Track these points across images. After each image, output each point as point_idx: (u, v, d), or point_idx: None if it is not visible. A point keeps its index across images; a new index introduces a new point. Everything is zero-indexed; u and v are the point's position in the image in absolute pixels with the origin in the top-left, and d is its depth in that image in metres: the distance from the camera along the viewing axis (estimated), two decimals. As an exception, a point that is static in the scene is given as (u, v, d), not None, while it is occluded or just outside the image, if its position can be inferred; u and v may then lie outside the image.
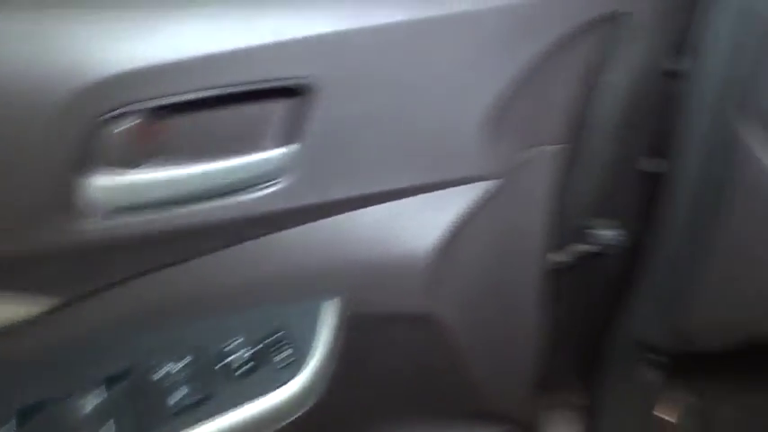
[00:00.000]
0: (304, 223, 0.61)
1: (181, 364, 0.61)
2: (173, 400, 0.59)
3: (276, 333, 0.63)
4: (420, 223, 0.63)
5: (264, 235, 0.61)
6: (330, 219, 0.61)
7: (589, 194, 0.74)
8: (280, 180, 0.57)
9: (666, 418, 1.03)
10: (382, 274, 0.64)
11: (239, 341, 0.62)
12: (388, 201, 0.62)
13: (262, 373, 0.61)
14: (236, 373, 0.60)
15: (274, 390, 0.60)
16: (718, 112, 0.65)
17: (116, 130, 0.51)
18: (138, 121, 0.52)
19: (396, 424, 0.78)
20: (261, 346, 0.62)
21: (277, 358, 0.62)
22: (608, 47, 0.65)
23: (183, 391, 0.59)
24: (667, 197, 0.72)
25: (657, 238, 0.74)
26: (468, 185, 0.63)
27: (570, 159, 0.69)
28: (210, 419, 0.58)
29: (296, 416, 0.61)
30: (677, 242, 0.73)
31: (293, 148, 0.56)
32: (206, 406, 0.59)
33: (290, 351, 0.62)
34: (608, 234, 0.79)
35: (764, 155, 0.63)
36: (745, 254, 0.69)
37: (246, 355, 0.62)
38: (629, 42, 0.65)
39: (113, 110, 0.49)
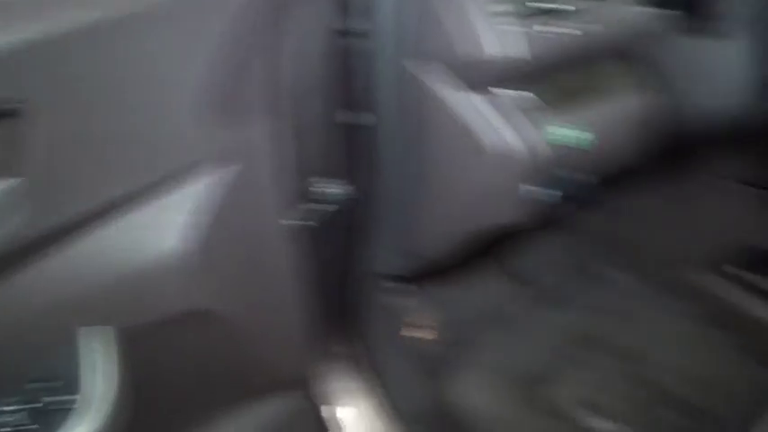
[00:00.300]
0: (46, 253, 0.55)
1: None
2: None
3: (46, 376, 0.56)
4: (166, 224, 0.62)
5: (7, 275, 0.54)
6: (75, 241, 0.57)
7: (311, 157, 0.80)
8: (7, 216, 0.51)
9: (422, 336, 1.19)
10: (142, 284, 0.62)
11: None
12: (128, 209, 0.60)
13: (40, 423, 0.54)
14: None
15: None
16: (397, 60, 0.76)
17: None
18: None
19: (197, 418, 0.76)
20: (29, 395, 0.55)
21: (50, 401, 0.56)
22: (281, 14, 0.70)
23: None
24: (379, 144, 0.82)
25: (380, 180, 0.84)
26: (201, 175, 0.64)
27: (284, 128, 0.74)
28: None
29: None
30: (396, 179, 0.84)
31: (12, 181, 0.50)
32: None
33: (62, 392, 0.56)
34: (336, 190, 0.85)
35: (439, 89, 0.76)
36: (446, 175, 0.83)
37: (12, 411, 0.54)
38: (299, 7, 0.70)
39: None
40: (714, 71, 0.80)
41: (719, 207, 1.24)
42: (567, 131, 0.74)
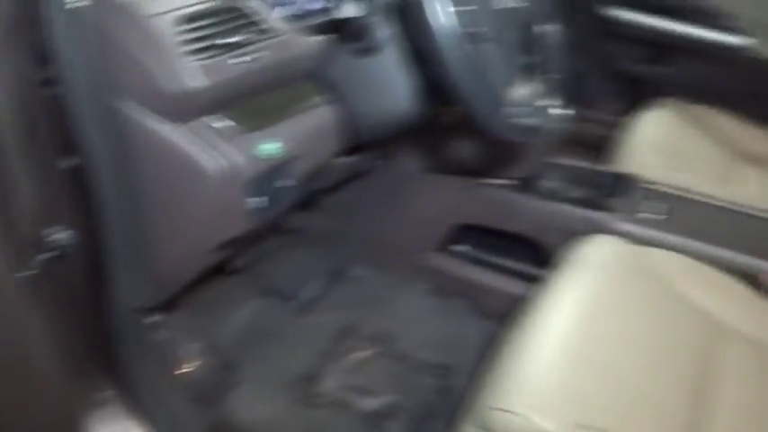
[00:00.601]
0: None
1: None
2: None
3: None
4: None
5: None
6: None
7: (32, 205, 0.80)
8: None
9: (188, 365, 1.22)
10: None
11: None
12: None
13: None
14: None
15: None
16: (105, 102, 0.80)
17: None
18: None
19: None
20: None
21: None
22: None
23: None
24: (104, 185, 0.85)
25: (109, 220, 0.87)
26: None
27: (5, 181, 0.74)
28: None
29: None
30: (123, 216, 0.87)
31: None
32: None
33: None
34: (62, 236, 0.86)
35: (151, 124, 0.82)
36: (174, 203, 0.89)
37: None
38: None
39: None
40: (376, 83, 1.00)
41: (422, 194, 1.48)
42: (269, 146, 0.86)
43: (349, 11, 0.89)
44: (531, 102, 0.99)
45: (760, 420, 0.93)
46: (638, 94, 1.94)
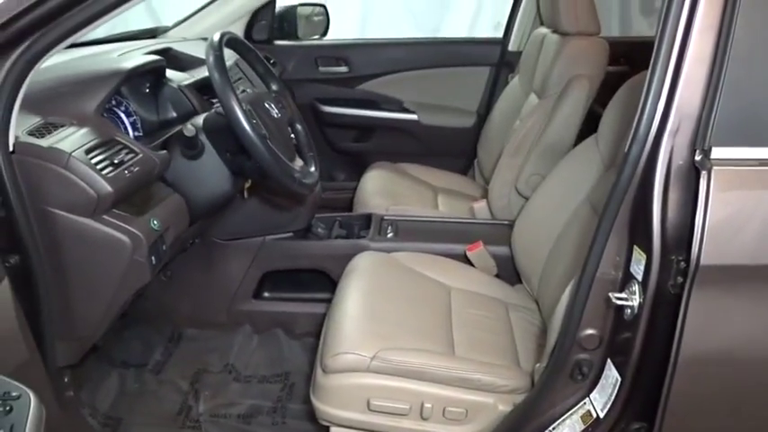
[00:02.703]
0: None
1: None
2: None
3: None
4: None
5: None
6: None
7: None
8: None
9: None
10: None
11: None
12: None
13: None
14: None
15: None
16: (35, 212, 1.16)
17: None
18: None
19: None
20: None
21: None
22: None
23: None
24: (35, 274, 1.18)
25: (42, 298, 1.20)
26: None
27: None
28: None
29: None
30: (54, 291, 1.22)
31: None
32: None
33: None
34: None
35: (73, 218, 1.19)
36: (96, 277, 1.26)
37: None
38: None
39: None
40: (203, 175, 1.49)
41: (232, 256, 1.97)
42: (155, 222, 1.31)
43: (191, 132, 1.40)
44: (304, 169, 1.60)
45: (476, 327, 1.59)
46: (354, 162, 2.73)
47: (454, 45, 2.85)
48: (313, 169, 1.64)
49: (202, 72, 1.85)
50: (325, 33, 2.77)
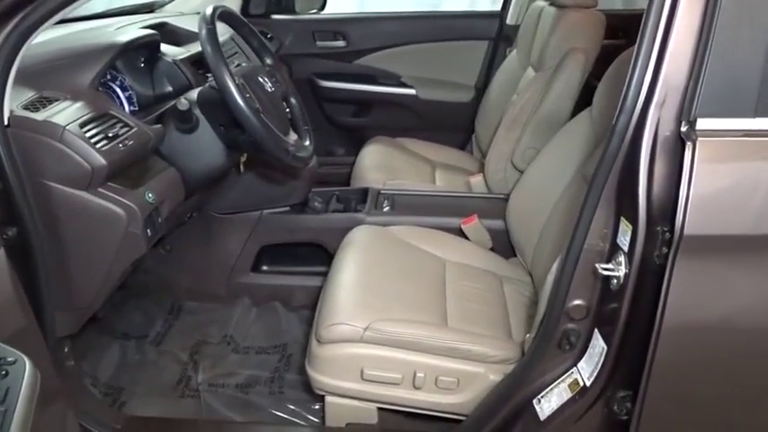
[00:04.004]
0: None
1: None
2: None
3: None
4: None
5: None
6: None
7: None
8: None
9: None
10: None
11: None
12: None
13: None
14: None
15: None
16: (31, 185, 1.18)
17: None
18: None
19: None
20: None
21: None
22: None
23: None
24: (32, 245, 1.20)
25: (40, 269, 1.22)
26: None
27: None
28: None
29: None
30: (51, 263, 1.24)
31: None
32: None
33: None
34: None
35: (69, 191, 1.22)
36: (93, 249, 1.28)
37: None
38: None
39: None
40: (197, 149, 1.50)
41: (230, 230, 1.99)
42: (149, 195, 1.33)
43: (184, 106, 1.41)
44: (298, 143, 1.61)
45: (470, 299, 1.61)
46: (352, 137, 2.73)
47: (452, 19, 2.83)
48: (308, 143, 1.65)
49: (198, 46, 1.85)
50: (322, 8, 2.75)
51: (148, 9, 2.29)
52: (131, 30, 1.62)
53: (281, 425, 1.63)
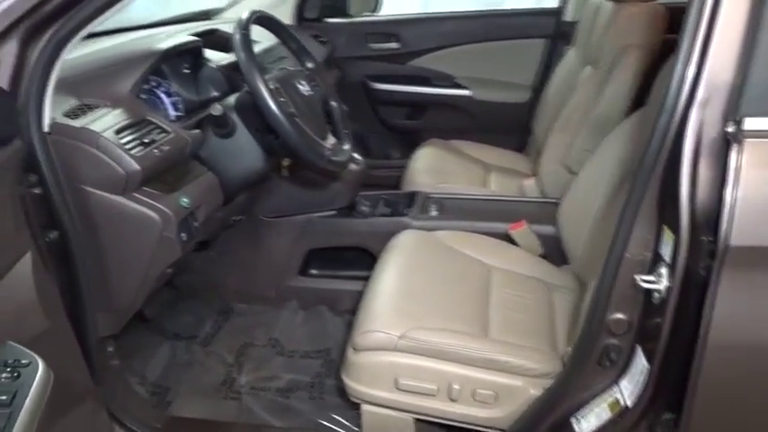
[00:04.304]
0: None
1: None
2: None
3: None
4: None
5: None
6: None
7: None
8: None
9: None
10: None
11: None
12: None
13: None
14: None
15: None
16: (69, 189, 1.22)
17: None
18: None
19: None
20: None
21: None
22: None
23: None
24: (72, 248, 1.24)
25: (79, 270, 1.26)
26: None
27: None
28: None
29: None
30: (90, 265, 1.28)
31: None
32: None
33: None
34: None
35: (104, 195, 1.25)
36: (129, 253, 1.32)
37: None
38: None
39: None
40: (235, 154, 1.52)
41: (277, 234, 2.01)
42: (184, 200, 1.35)
43: (218, 111, 1.43)
44: (336, 147, 1.59)
45: (514, 308, 1.54)
46: (407, 140, 2.70)
47: (507, 17, 2.74)
48: (347, 147, 1.64)
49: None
50: (376, 10, 2.74)
51: (204, 17, 2.35)
52: (175, 37, 1.66)
53: (318, 432, 1.63)
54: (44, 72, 1.15)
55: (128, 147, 1.25)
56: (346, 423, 1.62)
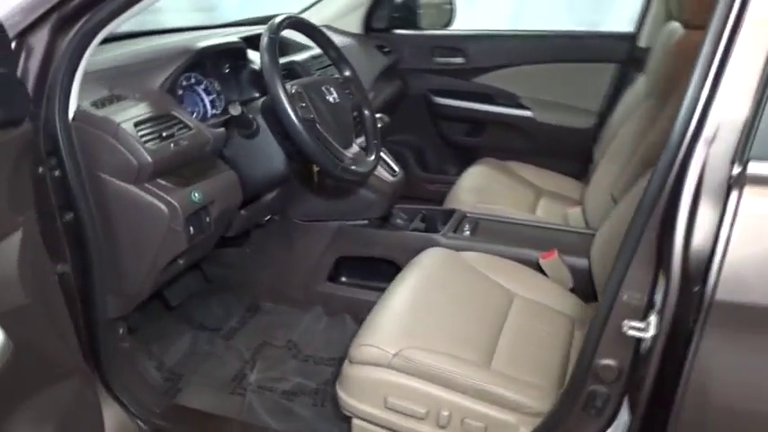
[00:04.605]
0: None
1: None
2: None
3: None
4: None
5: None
6: None
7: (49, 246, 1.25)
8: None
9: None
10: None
11: None
12: None
13: None
14: None
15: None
16: (86, 175, 1.29)
17: None
18: None
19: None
20: None
21: None
22: None
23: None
24: (85, 230, 1.31)
25: (91, 253, 1.32)
26: None
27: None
28: None
29: None
30: (102, 249, 1.34)
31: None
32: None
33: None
34: (64, 268, 1.30)
35: (118, 183, 1.31)
36: (137, 241, 1.37)
37: None
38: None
39: None
40: (257, 155, 1.55)
41: (309, 238, 2.02)
42: (196, 194, 1.38)
43: (236, 111, 1.46)
44: (358, 156, 1.58)
45: (526, 340, 1.47)
46: (465, 157, 2.64)
47: (579, 39, 2.62)
48: (372, 158, 1.62)
49: (291, 56, 1.91)
50: (449, 24, 2.70)
51: (264, 22, 2.41)
52: (213, 38, 1.71)
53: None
54: (72, 61, 1.22)
55: (144, 139, 1.30)
56: (343, 435, 1.60)
